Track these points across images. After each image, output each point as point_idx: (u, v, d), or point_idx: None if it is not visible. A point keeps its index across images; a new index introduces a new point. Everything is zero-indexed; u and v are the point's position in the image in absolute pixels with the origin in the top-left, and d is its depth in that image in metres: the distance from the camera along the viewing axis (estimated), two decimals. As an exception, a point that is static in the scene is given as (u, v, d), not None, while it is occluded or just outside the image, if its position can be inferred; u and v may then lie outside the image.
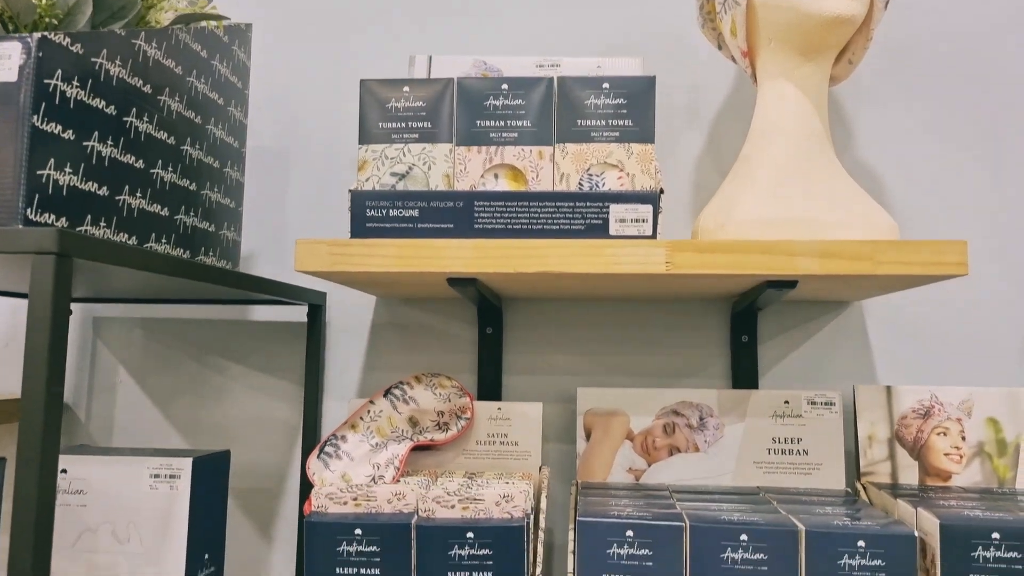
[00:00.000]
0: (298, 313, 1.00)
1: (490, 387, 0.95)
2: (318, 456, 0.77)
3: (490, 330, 0.97)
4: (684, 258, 0.69)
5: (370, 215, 0.72)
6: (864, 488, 0.86)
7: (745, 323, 0.95)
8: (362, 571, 0.70)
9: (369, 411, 0.80)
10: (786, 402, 0.89)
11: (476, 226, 0.72)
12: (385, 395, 0.81)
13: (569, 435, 0.96)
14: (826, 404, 0.88)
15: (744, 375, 0.94)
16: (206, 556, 0.74)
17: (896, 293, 0.95)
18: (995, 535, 0.66)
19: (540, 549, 0.74)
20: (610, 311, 0.98)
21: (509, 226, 0.72)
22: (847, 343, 0.95)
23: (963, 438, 0.86)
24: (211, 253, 0.82)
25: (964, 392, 0.87)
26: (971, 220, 0.95)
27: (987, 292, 0.95)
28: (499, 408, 0.86)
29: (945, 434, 0.87)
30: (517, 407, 0.86)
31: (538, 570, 0.72)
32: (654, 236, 0.70)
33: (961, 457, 0.86)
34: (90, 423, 1.02)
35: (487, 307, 0.96)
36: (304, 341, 1.00)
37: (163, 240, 0.73)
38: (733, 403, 0.89)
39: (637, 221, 0.71)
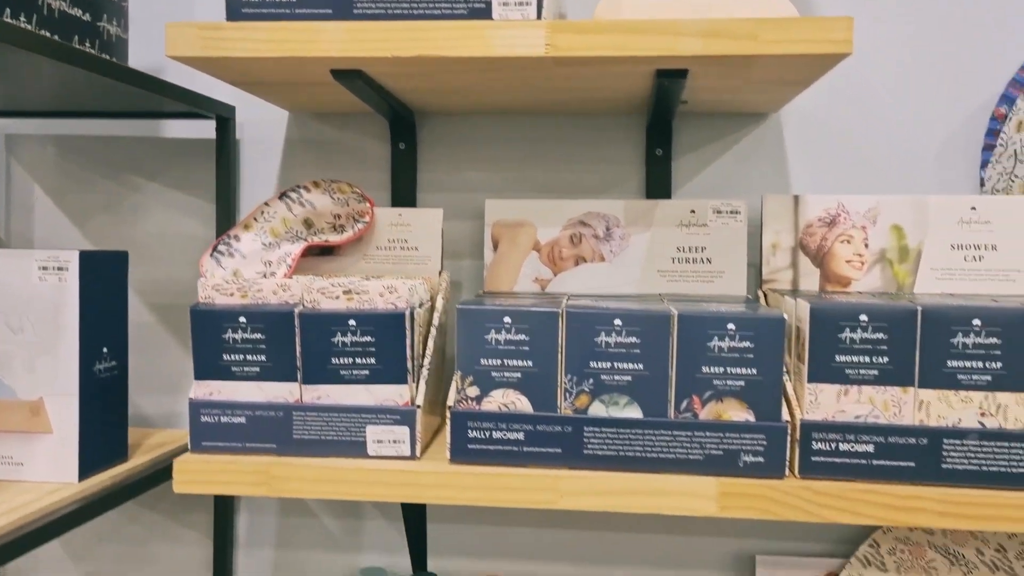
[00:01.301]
0: (210, 129, 0.98)
1: (404, 204, 0.95)
2: (211, 255, 0.77)
3: (403, 145, 0.95)
4: (565, 40, 0.66)
5: (242, -2, 0.69)
6: (765, 295, 0.87)
7: (660, 136, 0.93)
8: (248, 358, 0.72)
9: (264, 212, 0.80)
10: (692, 211, 0.88)
11: (356, 11, 0.69)
12: (280, 197, 0.81)
13: (482, 251, 0.97)
14: (731, 213, 0.88)
15: (658, 189, 0.94)
16: (104, 350, 0.76)
17: (815, 104, 0.92)
18: (863, 317, 0.67)
19: (431, 344, 0.76)
20: (526, 127, 0.96)
21: (390, 10, 0.69)
22: (763, 156, 0.94)
23: (866, 245, 0.87)
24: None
25: (871, 200, 0.86)
26: (893, 33, 0.92)
27: (906, 104, 0.92)
28: (400, 214, 0.86)
29: (848, 242, 0.87)
30: (418, 213, 0.86)
31: (426, 362, 0.74)
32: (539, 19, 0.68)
33: (863, 264, 0.87)
34: (10, 242, 1.02)
35: (400, 122, 0.94)
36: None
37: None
38: (639, 213, 0.89)
39: (521, 4, 0.68)
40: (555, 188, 0.96)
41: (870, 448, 0.67)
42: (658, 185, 0.94)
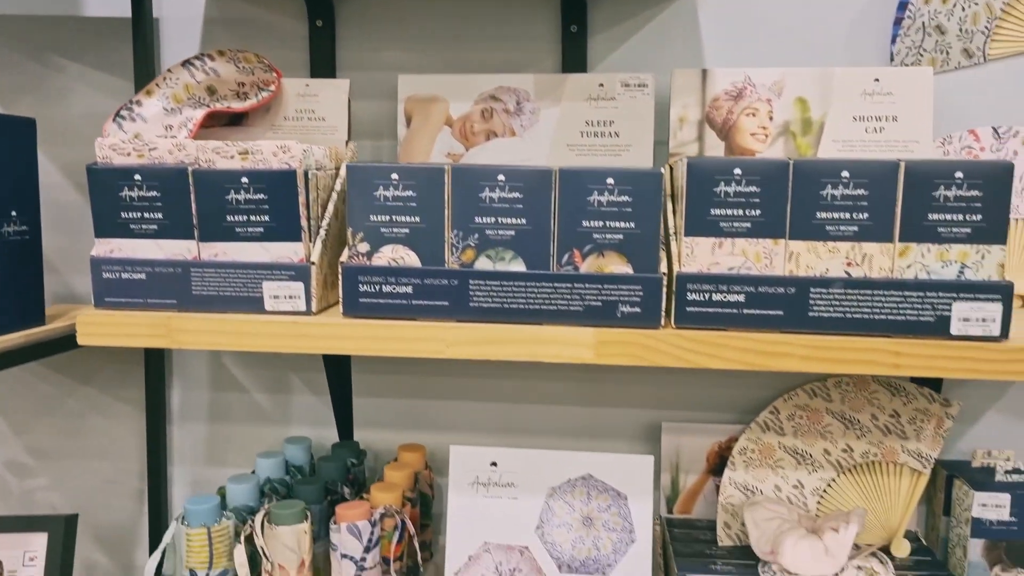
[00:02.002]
0: (126, 7, 0.98)
1: (322, 82, 0.95)
2: (114, 119, 0.79)
3: (320, 23, 0.95)
4: None
5: None
6: (671, 168, 0.88)
7: (575, 13, 0.93)
8: (146, 215, 0.73)
9: (166, 79, 0.81)
10: (600, 85, 0.89)
11: None
12: (184, 64, 0.81)
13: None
14: (639, 86, 0.89)
15: (573, 67, 0.94)
16: (12, 213, 0.78)
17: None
18: (737, 171, 0.68)
19: (331, 208, 0.78)
20: (443, 5, 0.95)
21: None
22: (678, 33, 0.94)
23: (770, 118, 0.88)
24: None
25: (777, 73, 0.87)
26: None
27: (825, -22, 0.92)
28: (307, 84, 0.86)
29: (754, 115, 0.88)
30: (324, 84, 0.87)
31: (324, 223, 0.76)
32: None
33: (767, 137, 0.88)
34: (-64, 125, 1.03)
35: (315, -2, 0.94)
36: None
37: None
38: (549, 87, 0.89)
39: None
40: (472, 66, 0.96)
41: (741, 298, 0.69)
42: (573, 62, 0.94)
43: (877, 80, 0.86)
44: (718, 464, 0.95)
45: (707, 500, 0.95)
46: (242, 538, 0.77)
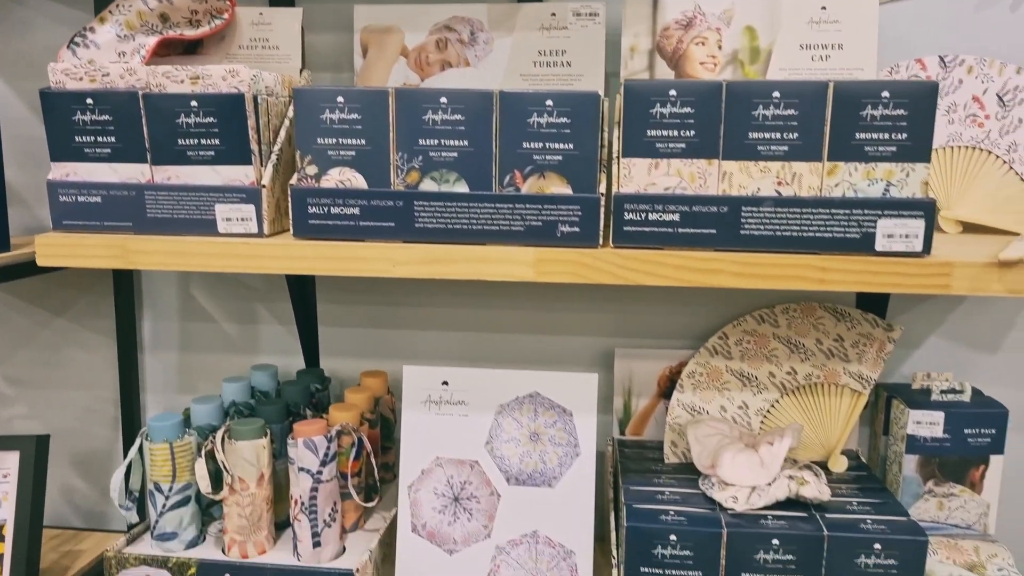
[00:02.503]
0: (85, -61, 0.98)
1: (280, 14, 0.96)
2: (68, 46, 0.80)
3: (277, -46, 0.95)
4: None
5: None
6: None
7: (530, -58, 0.93)
8: (99, 139, 0.75)
9: (120, 6, 0.82)
10: (552, 14, 0.90)
11: None
12: (136, -8, 0.82)
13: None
14: (590, 15, 0.90)
15: (528, -2, 0.95)
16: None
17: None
18: (672, 92, 0.70)
19: (283, 133, 0.79)
20: (399, -66, 0.96)
21: None
22: (633, -36, 0.94)
23: (720, 47, 0.89)
24: None
25: (727, 1, 0.88)
26: None
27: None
28: (260, 13, 0.87)
29: (703, 44, 0.89)
30: (278, 12, 0.88)
31: (275, 148, 0.78)
32: None
33: (716, 66, 0.89)
34: (-100, 59, 1.04)
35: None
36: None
37: None
38: (503, 17, 0.90)
39: None
40: (429, -2, 0.97)
41: (676, 217, 0.72)
42: (528, -6, 0.95)
43: (824, 8, 0.87)
44: (668, 388, 0.98)
45: (658, 422, 0.99)
46: (203, 452, 0.80)
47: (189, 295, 1.07)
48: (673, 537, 0.76)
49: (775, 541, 0.75)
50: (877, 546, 0.75)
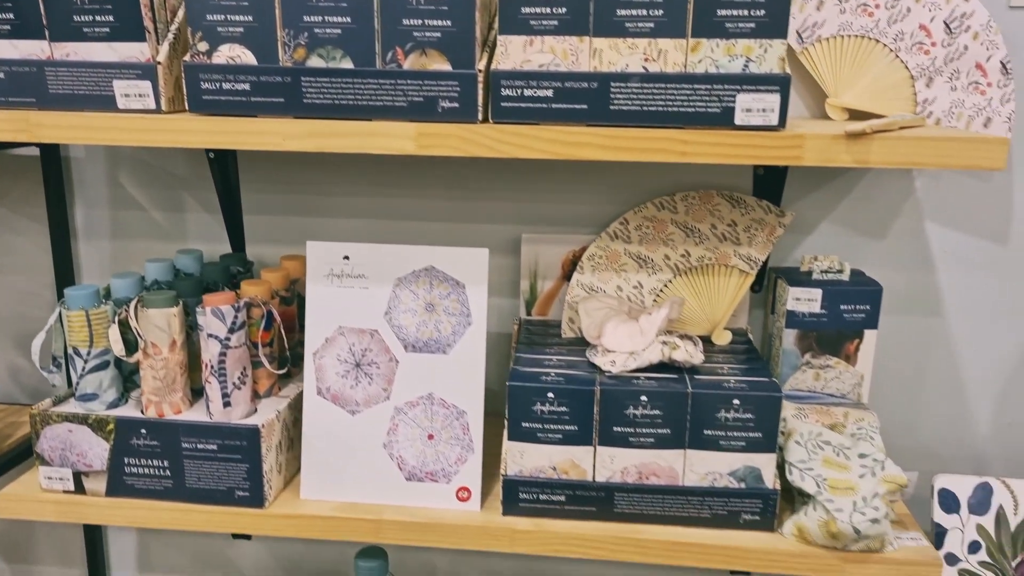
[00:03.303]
0: None
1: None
2: (-34, -75, 0.81)
3: None
4: None
5: None
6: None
7: None
8: (-2, 15, 0.78)
9: None
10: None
11: None
12: None
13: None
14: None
15: None
16: None
17: None
18: (543, -31, 0.73)
19: (181, 13, 0.82)
20: None
21: None
22: None
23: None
24: None
25: None
26: None
27: None
28: None
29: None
30: None
31: (172, 27, 0.81)
32: None
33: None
34: None
35: None
36: None
37: None
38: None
39: None
40: None
41: (550, 93, 0.75)
42: None
43: None
44: (572, 271, 1.04)
45: (562, 303, 1.05)
46: (117, 320, 0.85)
47: (118, 184, 1.11)
48: (551, 395, 0.83)
49: (643, 397, 0.82)
50: (736, 401, 0.82)
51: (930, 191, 1.01)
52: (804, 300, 0.95)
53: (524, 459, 0.85)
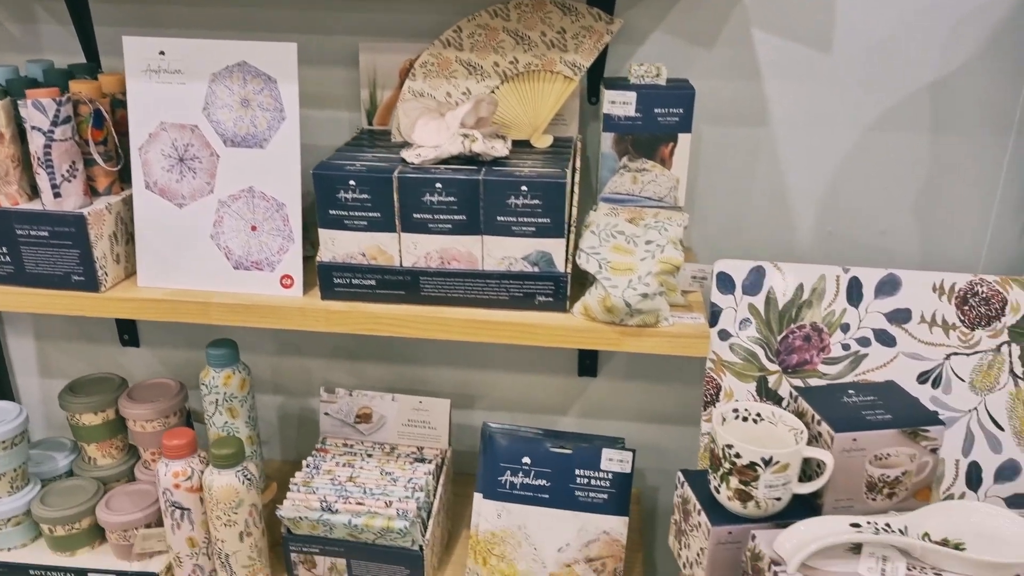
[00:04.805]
0: None
1: None
2: None
3: None
4: None
5: None
6: None
7: None
8: None
9: None
10: None
11: None
12: None
13: None
14: None
15: None
16: None
17: None
18: None
19: None
20: None
21: None
22: None
23: None
24: None
25: None
26: None
27: None
28: None
29: None
30: None
31: None
32: None
33: None
34: None
35: None
36: None
37: None
38: None
39: None
40: None
41: None
42: None
43: None
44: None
45: (402, 112, 1.08)
46: (-57, 112, 0.90)
47: (-31, -5, 1.12)
48: (352, 182, 0.88)
49: (438, 185, 0.87)
50: (523, 188, 0.87)
51: (756, -3, 1.02)
52: (619, 103, 0.99)
53: (336, 246, 0.92)
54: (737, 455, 0.77)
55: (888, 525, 0.70)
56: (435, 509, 1.09)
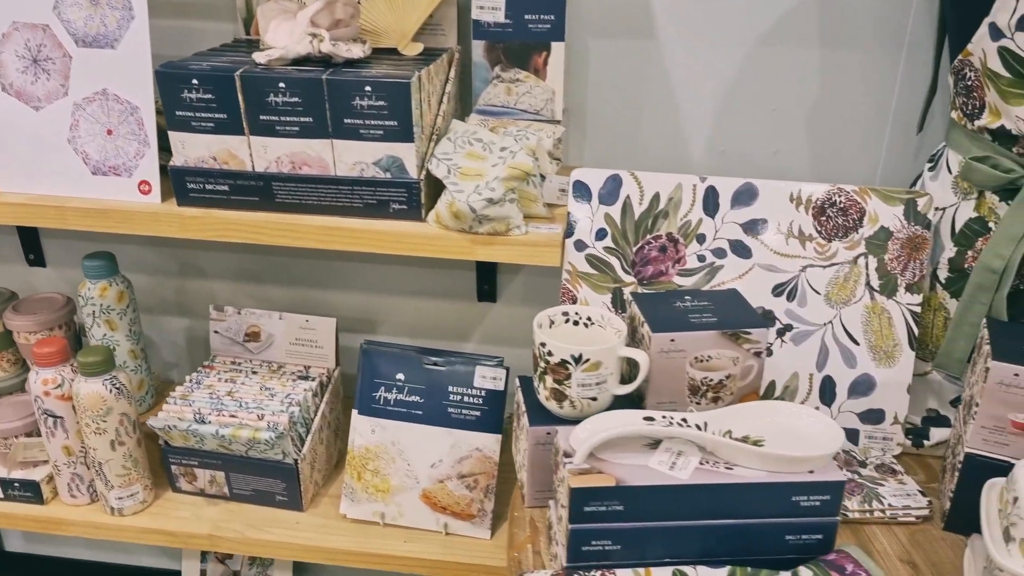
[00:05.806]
0: None
1: None
2: None
3: None
4: None
5: None
6: None
7: None
8: None
9: None
10: None
11: None
12: None
13: None
14: None
15: None
16: None
17: None
18: None
19: None
20: None
21: None
22: None
23: None
24: None
25: None
26: None
27: None
28: None
29: None
30: None
31: None
32: None
33: None
34: None
35: None
36: None
37: None
38: None
39: None
40: None
41: None
42: None
43: None
44: (285, -14, 1.04)
45: (280, 22, 1.06)
46: None
47: None
48: (195, 81, 0.86)
49: (282, 84, 0.85)
50: (368, 88, 0.84)
51: (639, -100, 0.98)
52: (488, 8, 0.96)
53: (186, 149, 0.90)
54: (550, 353, 0.75)
55: (684, 420, 0.68)
56: (316, 426, 1.09)
